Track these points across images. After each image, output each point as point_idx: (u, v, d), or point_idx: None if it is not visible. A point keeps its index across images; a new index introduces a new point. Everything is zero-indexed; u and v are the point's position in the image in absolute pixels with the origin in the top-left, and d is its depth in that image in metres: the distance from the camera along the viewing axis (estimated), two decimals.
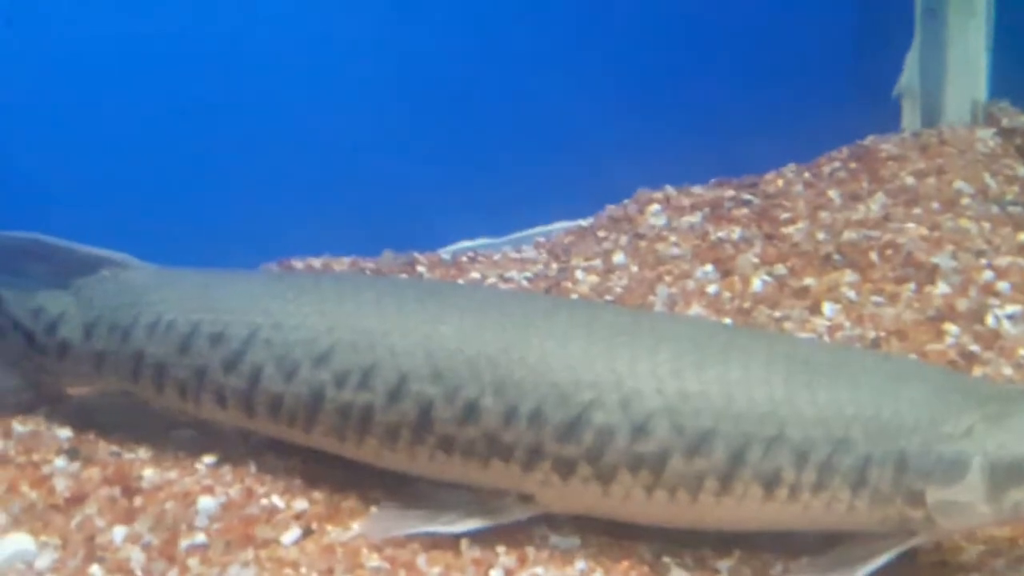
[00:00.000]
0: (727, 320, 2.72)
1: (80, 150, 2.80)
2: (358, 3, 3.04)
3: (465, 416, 2.04)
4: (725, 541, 2.06)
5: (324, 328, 2.15)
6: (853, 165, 3.34)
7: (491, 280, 3.03)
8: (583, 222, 3.29)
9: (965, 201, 3.06)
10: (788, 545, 2.04)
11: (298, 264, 3.04)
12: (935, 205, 3.06)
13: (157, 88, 2.87)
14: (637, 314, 2.49)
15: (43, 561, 2.03)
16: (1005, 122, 3.44)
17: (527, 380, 2.02)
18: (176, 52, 2.86)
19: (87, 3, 2.77)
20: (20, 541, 2.07)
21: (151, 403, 2.36)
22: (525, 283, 3.01)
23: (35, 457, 2.32)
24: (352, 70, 3.05)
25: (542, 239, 3.26)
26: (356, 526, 2.09)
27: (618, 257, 3.05)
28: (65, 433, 2.39)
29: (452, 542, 2.04)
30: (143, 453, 2.33)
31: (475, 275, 3.06)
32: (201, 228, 2.90)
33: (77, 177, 2.79)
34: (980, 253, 2.82)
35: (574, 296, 2.90)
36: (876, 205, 3.10)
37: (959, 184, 3.14)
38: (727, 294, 2.82)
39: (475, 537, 2.04)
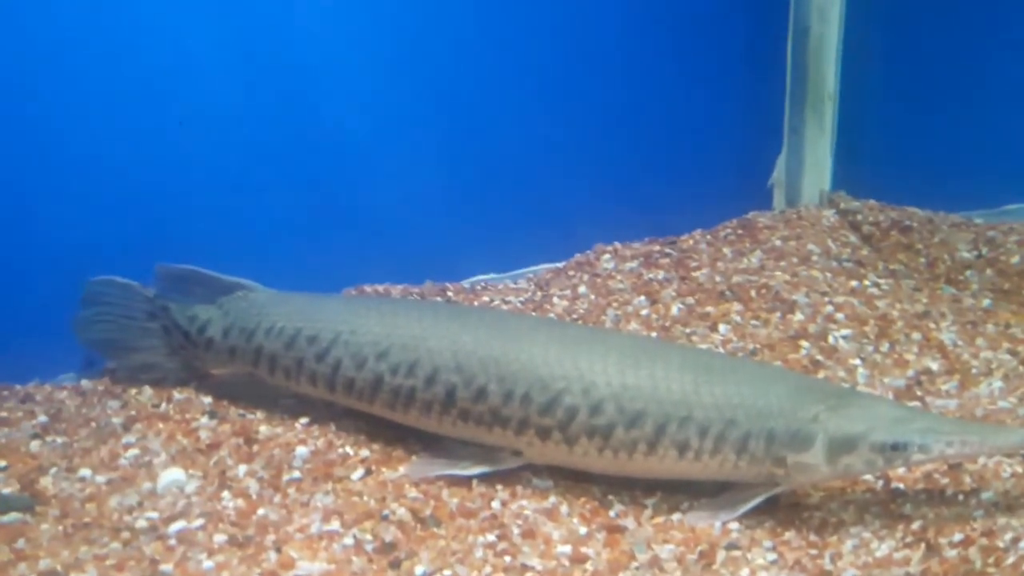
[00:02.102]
0: (654, 334, 2.69)
1: (218, 206, 2.73)
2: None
3: (477, 396, 2.02)
4: (651, 486, 2.03)
5: (384, 334, 2.13)
6: (740, 231, 3.30)
7: (496, 302, 3.00)
8: (559, 264, 3.24)
9: (815, 258, 3.02)
10: (693, 489, 2.02)
11: (367, 288, 3.00)
12: (794, 260, 3.02)
13: (272, 149, 2.78)
14: (595, 330, 2.47)
15: (190, 487, 2.02)
16: (842, 205, 3.41)
17: (519, 373, 2.00)
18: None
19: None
20: (175, 473, 2.06)
21: (266, 382, 2.33)
22: (519, 304, 2.98)
23: (187, 416, 2.30)
24: (409, 136, 2.97)
25: (531, 275, 3.22)
26: (402, 469, 2.07)
27: (582, 289, 3.02)
28: (207, 400, 2.37)
29: (466, 481, 2.02)
30: (260, 415, 2.30)
31: (486, 299, 3.02)
32: (300, 261, 2.84)
33: (222, 225, 2.74)
34: (824, 293, 2.78)
35: (552, 315, 2.87)
36: (755, 259, 3.07)
37: (811, 246, 3.10)
38: (655, 316, 2.78)
39: (482, 479, 2.03)
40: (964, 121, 3.42)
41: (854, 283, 2.84)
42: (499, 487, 2.01)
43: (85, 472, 2.07)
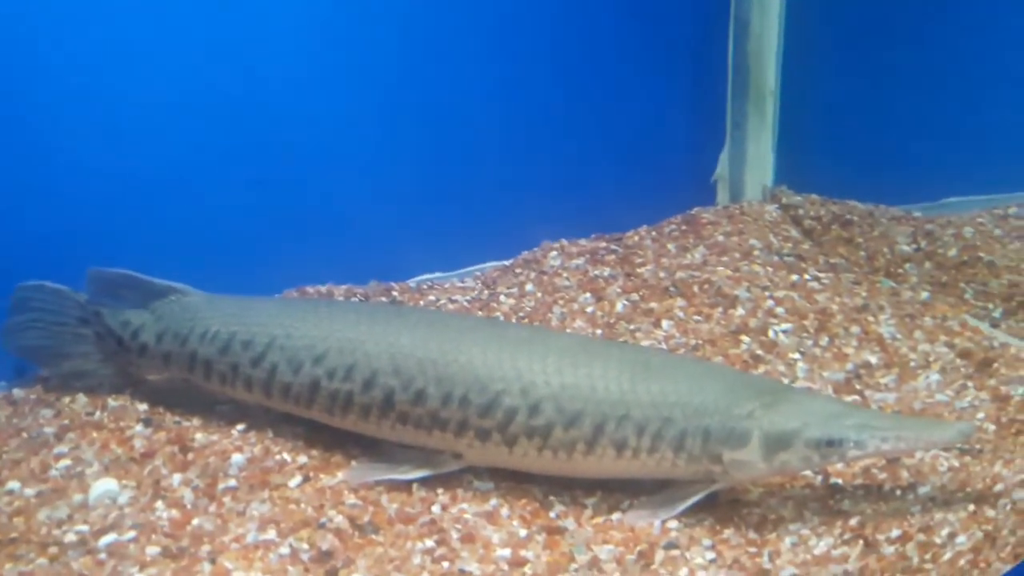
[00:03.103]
0: (599, 331, 2.68)
1: (153, 207, 2.66)
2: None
3: (416, 399, 1.99)
4: (591, 485, 2.02)
5: (320, 337, 2.09)
6: (684, 227, 3.29)
7: (443, 302, 2.96)
8: (506, 262, 3.22)
9: (756, 253, 3.02)
10: (633, 488, 2.00)
11: (310, 289, 2.94)
12: (737, 255, 3.01)
13: (204, 154, 2.71)
14: (533, 330, 2.44)
15: (123, 498, 1.96)
16: (784, 200, 3.42)
17: (458, 375, 1.97)
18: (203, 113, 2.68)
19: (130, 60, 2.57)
20: (107, 484, 1.99)
21: (202, 388, 2.27)
22: (466, 304, 2.95)
23: (121, 424, 2.23)
24: (353, 134, 2.92)
25: (479, 273, 3.19)
26: (340, 475, 2.02)
27: (528, 287, 2.99)
28: (143, 407, 2.30)
29: (406, 486, 1.99)
30: (196, 422, 2.24)
31: (432, 298, 2.99)
32: (240, 262, 2.78)
33: (154, 228, 2.67)
34: (765, 288, 2.77)
35: (498, 314, 2.84)
36: (698, 254, 3.06)
37: (753, 241, 3.10)
38: (600, 313, 2.77)
39: (422, 483, 1.99)
40: (904, 115, 3.47)
41: (795, 277, 2.85)
42: (440, 491, 1.98)
43: (13, 485, 1.99)
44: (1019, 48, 3.42)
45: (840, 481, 2.02)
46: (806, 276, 2.86)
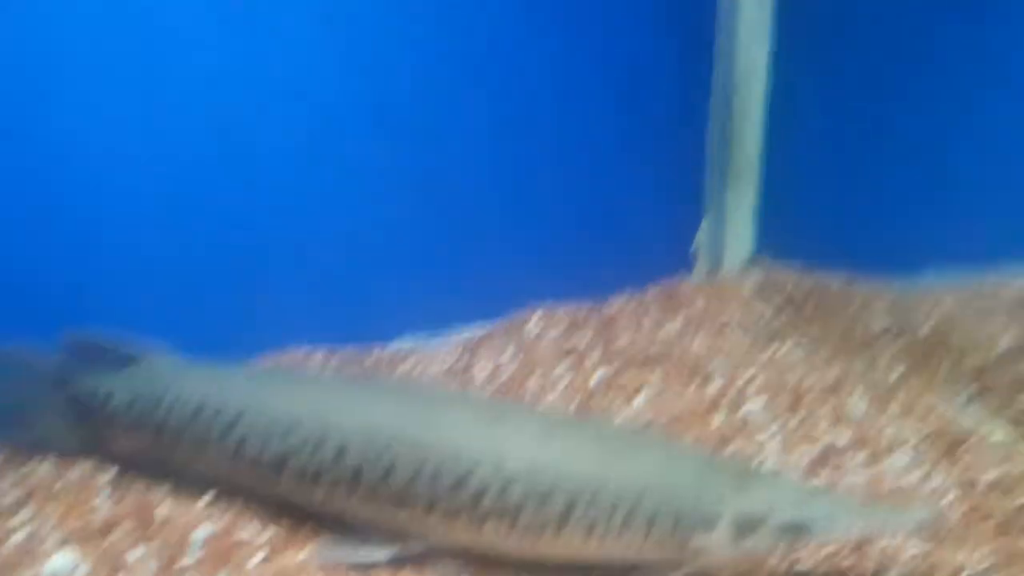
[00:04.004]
0: (575, 402, 2.67)
1: (130, 266, 2.67)
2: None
3: (385, 475, 1.97)
4: (560, 572, 1.99)
5: (289, 411, 2.07)
6: (663, 298, 3.31)
7: (420, 367, 2.96)
8: (486, 326, 3.21)
9: (733, 326, 3.03)
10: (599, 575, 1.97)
11: (288, 352, 2.94)
12: (714, 327, 3.02)
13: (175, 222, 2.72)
14: (506, 406, 2.43)
15: (79, 572, 1.91)
16: (762, 273, 3.44)
17: (428, 450, 1.95)
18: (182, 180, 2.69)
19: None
20: (64, 558, 1.96)
21: (170, 456, 2.25)
22: (444, 369, 2.94)
23: (85, 492, 2.20)
24: (333, 194, 2.94)
25: (457, 336, 3.19)
26: (303, 554, 1.99)
27: (506, 355, 2.98)
28: (108, 475, 2.27)
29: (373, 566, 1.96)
30: (162, 492, 2.21)
31: (410, 362, 2.98)
32: (217, 323, 2.78)
33: (130, 288, 2.66)
34: (739, 363, 2.78)
35: (475, 382, 2.84)
36: (676, 325, 3.07)
37: (730, 314, 3.11)
38: (576, 384, 2.76)
39: (388, 563, 1.96)
40: (882, 190, 3.51)
41: (770, 352, 2.86)
42: (407, 573, 1.95)
43: None
44: (996, 124, 3.48)
45: (806, 567, 2.00)
46: (781, 351, 2.87)
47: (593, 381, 2.77)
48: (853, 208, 3.52)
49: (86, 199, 2.57)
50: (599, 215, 3.40)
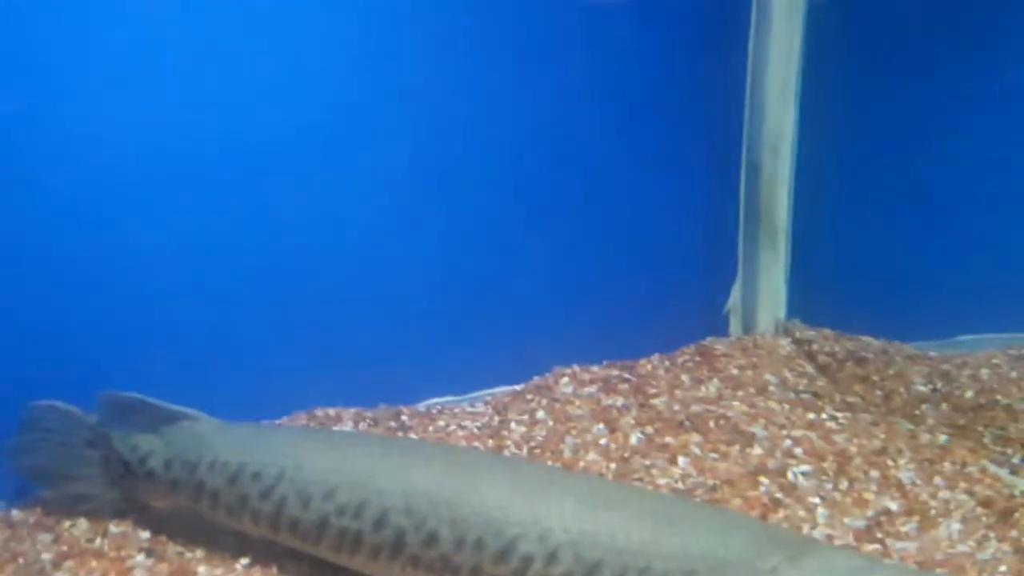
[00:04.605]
0: (613, 465, 2.62)
1: (163, 327, 2.66)
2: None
3: (428, 542, 1.92)
4: None
5: (331, 472, 2.04)
6: (697, 358, 3.27)
7: (452, 427, 2.92)
8: (517, 387, 3.18)
9: (772, 388, 2.99)
10: None
11: (319, 412, 2.91)
12: (752, 390, 2.98)
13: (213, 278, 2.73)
14: (550, 471, 2.39)
15: None
16: (797, 334, 3.40)
17: (472, 517, 1.91)
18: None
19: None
20: None
21: (207, 518, 2.21)
22: (476, 430, 2.90)
23: (122, 552, 2.17)
24: (362, 255, 2.94)
25: (489, 398, 3.16)
26: None
27: (540, 414, 2.95)
28: (145, 535, 2.24)
29: None
30: (199, 553, 2.17)
31: (441, 423, 2.94)
32: (248, 384, 2.77)
33: (167, 348, 2.66)
34: (782, 426, 2.73)
35: (509, 442, 2.79)
36: (713, 387, 3.03)
37: (768, 376, 3.07)
38: (614, 446, 2.71)
39: None
40: (915, 252, 3.49)
41: (811, 416, 2.81)
42: None
43: None
44: None
45: None
46: (823, 415, 2.82)
47: (631, 443, 2.73)
48: (886, 271, 3.50)
49: (116, 260, 2.59)
50: (630, 277, 3.39)
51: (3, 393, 2.36)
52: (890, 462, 2.56)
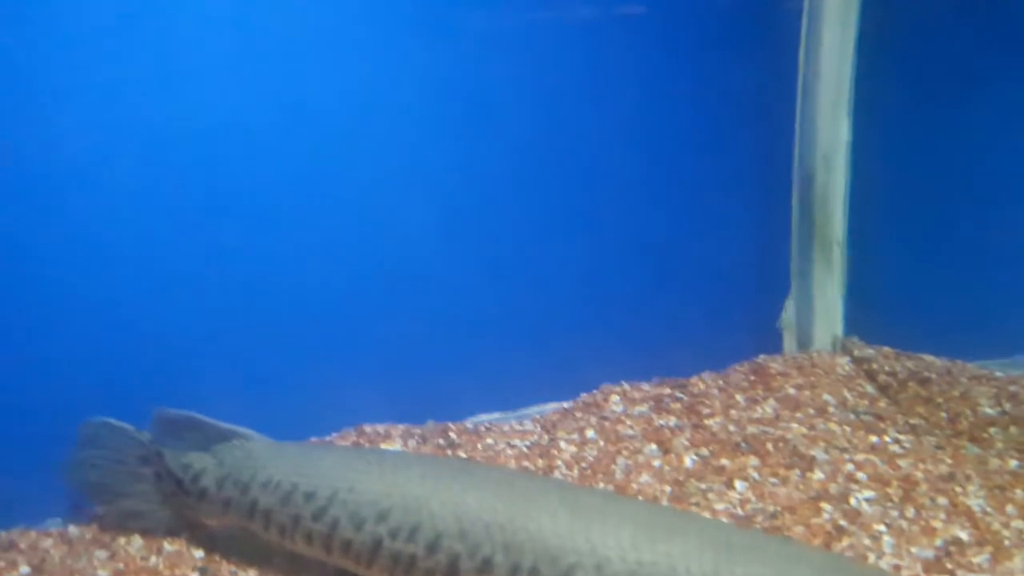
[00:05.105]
0: (668, 488, 2.55)
1: (213, 345, 2.67)
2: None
3: (482, 568, 1.88)
4: None
5: (384, 494, 2.01)
6: (752, 377, 3.19)
7: (501, 445, 2.88)
8: (566, 405, 3.14)
9: (831, 409, 2.90)
10: None
11: (367, 428, 2.89)
12: (811, 411, 2.89)
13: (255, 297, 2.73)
14: (606, 496, 2.32)
15: None
16: (856, 352, 3.31)
17: (527, 544, 1.86)
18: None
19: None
20: None
21: (260, 537, 2.19)
22: (525, 448, 2.85)
23: (176, 571, 2.16)
24: (410, 273, 2.93)
25: (537, 416, 3.12)
26: None
27: (590, 433, 2.89)
28: (199, 554, 2.23)
29: None
30: (252, 573, 2.16)
31: (490, 440, 2.90)
32: (296, 401, 2.78)
33: (219, 367, 2.67)
34: (843, 450, 2.65)
35: (559, 462, 2.74)
36: (769, 408, 2.94)
37: (826, 396, 2.98)
38: (667, 468, 2.65)
39: None
40: (975, 268, 3.38)
41: (874, 439, 2.71)
42: None
43: None
44: None
45: None
46: (886, 438, 2.72)
47: (685, 465, 2.66)
48: (946, 285, 3.40)
49: (170, 279, 2.60)
50: (680, 292, 3.33)
51: (59, 410, 2.37)
52: (958, 488, 2.46)
